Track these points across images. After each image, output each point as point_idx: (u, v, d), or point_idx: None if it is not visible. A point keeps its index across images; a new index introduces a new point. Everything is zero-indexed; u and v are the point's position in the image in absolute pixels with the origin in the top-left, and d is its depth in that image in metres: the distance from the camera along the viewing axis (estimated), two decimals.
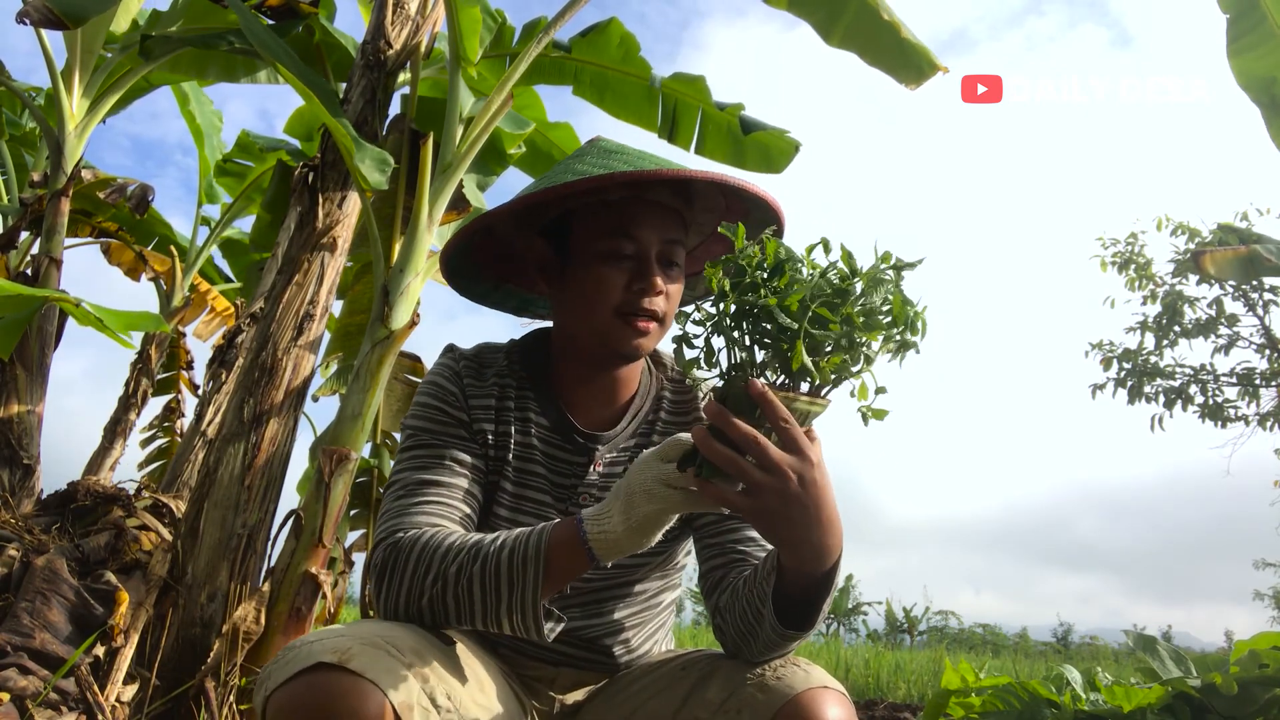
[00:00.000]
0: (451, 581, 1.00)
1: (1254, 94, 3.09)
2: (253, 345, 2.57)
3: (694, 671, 1.13)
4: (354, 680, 0.87)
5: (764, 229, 1.28)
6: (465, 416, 1.19)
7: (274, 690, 0.89)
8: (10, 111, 5.03)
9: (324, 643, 0.91)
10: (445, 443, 1.17)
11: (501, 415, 1.22)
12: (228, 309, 5.50)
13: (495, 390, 1.22)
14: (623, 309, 1.16)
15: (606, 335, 1.17)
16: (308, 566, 2.30)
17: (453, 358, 1.24)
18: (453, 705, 0.96)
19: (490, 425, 1.21)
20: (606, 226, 1.16)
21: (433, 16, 2.96)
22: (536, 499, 1.22)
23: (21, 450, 3.23)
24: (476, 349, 1.28)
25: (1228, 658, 2.44)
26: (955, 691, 2.62)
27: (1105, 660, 9.42)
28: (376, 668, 0.89)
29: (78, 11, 2.60)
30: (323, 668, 0.88)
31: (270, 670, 0.93)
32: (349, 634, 0.94)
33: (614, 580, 1.25)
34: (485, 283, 1.40)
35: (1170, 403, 10.64)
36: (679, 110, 3.24)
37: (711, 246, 1.38)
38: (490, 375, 1.23)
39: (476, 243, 1.31)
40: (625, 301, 1.16)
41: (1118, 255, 11.00)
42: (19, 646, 1.97)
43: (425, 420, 1.19)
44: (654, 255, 1.17)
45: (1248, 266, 4.10)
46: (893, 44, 2.78)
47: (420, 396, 1.22)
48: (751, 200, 1.22)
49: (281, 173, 3.67)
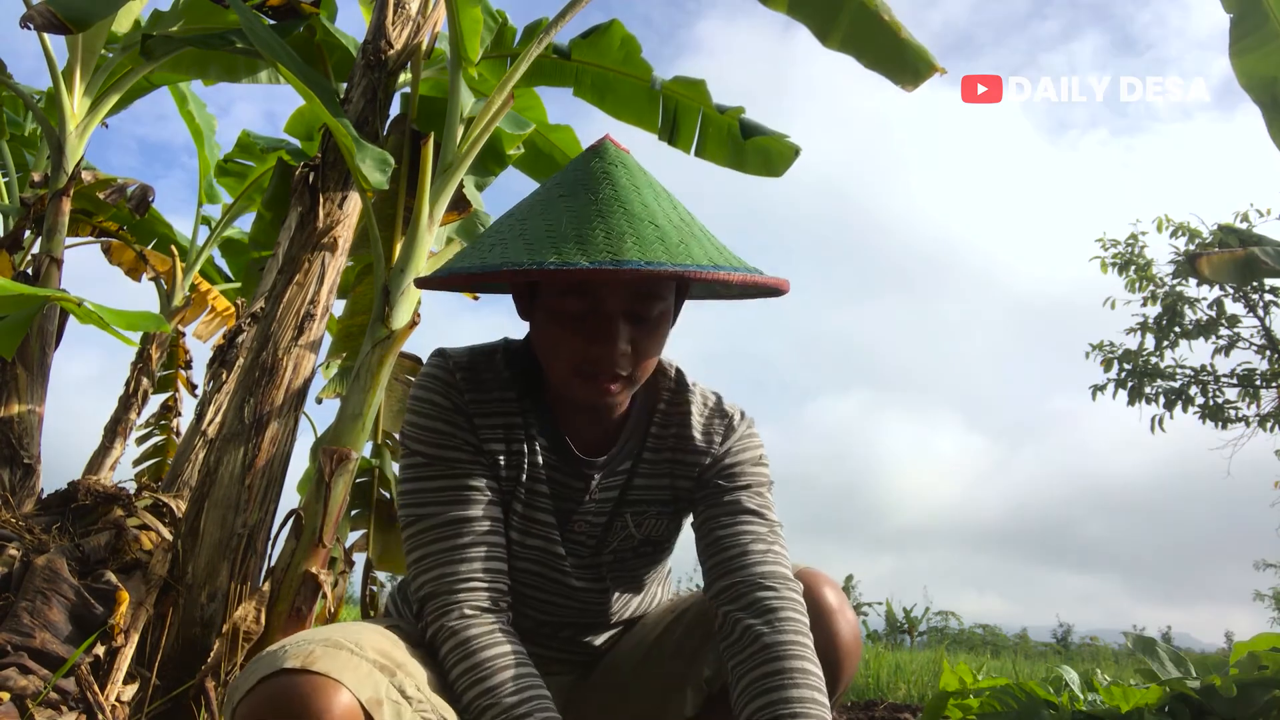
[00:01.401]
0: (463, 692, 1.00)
1: (1256, 94, 3.09)
2: (253, 345, 2.57)
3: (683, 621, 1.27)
4: (319, 680, 0.87)
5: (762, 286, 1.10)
6: (472, 438, 1.13)
7: (239, 701, 0.90)
8: (12, 112, 5.03)
9: (286, 649, 0.91)
10: (465, 471, 1.11)
11: (511, 434, 1.15)
12: (228, 309, 5.50)
13: (500, 407, 1.15)
14: (580, 370, 1.06)
15: (568, 390, 1.09)
16: (308, 566, 2.30)
17: (445, 369, 1.14)
18: (424, 695, 0.96)
19: (501, 445, 1.15)
20: (562, 283, 1.04)
21: (434, 17, 2.96)
22: (543, 520, 1.18)
23: (22, 450, 3.23)
24: (470, 357, 1.17)
25: (1227, 659, 2.45)
26: (953, 693, 2.63)
27: (1105, 661, 9.42)
28: (340, 666, 0.90)
29: (81, 16, 2.60)
30: (286, 673, 0.88)
31: (237, 682, 0.93)
32: (311, 638, 0.94)
33: (619, 603, 1.28)
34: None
35: (1170, 404, 10.64)
36: (680, 112, 3.24)
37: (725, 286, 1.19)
38: (494, 389, 1.15)
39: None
40: (584, 363, 1.05)
41: (1118, 256, 10.99)
42: (19, 646, 1.97)
43: (435, 447, 1.12)
44: (618, 315, 1.03)
45: (1245, 269, 4.10)
46: (891, 45, 2.78)
47: (420, 417, 1.13)
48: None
49: (282, 172, 3.67)
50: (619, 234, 0.96)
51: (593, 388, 1.06)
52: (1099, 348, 11.08)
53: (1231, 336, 10.49)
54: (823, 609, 1.15)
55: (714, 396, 1.25)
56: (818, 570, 1.20)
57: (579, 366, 1.06)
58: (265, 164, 4.80)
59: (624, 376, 1.07)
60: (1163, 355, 10.76)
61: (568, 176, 1.07)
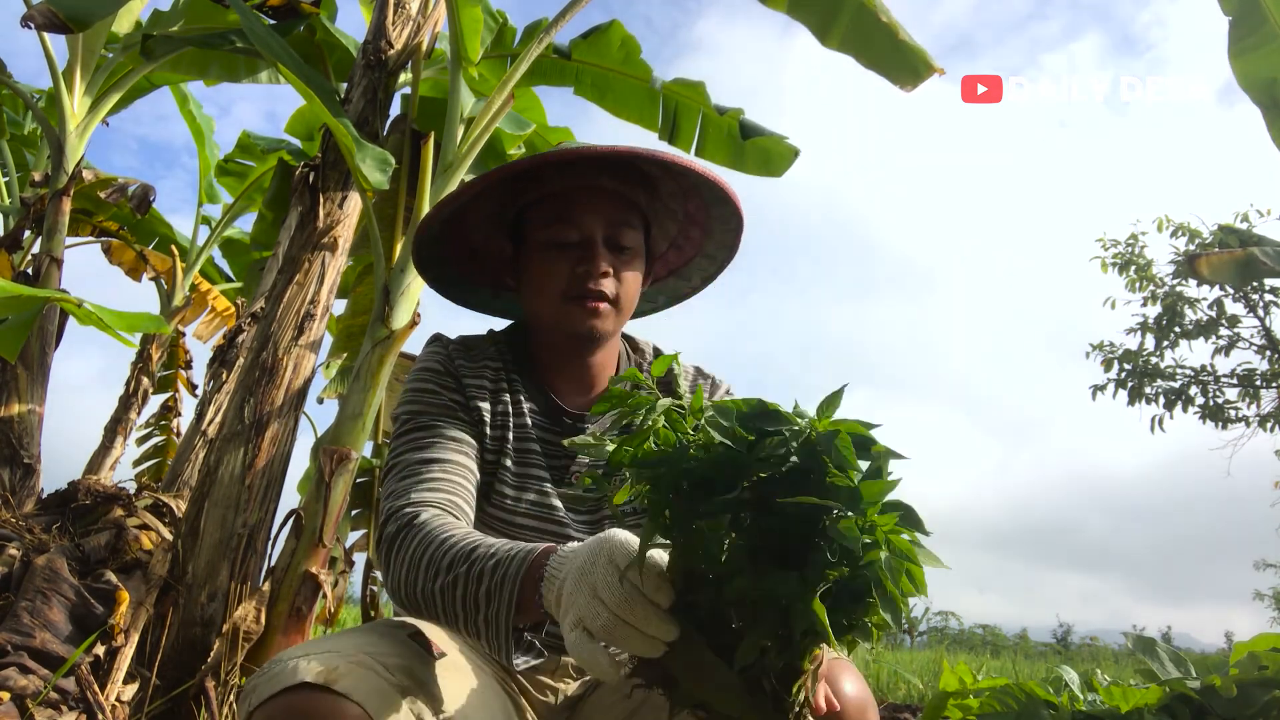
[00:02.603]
0: (443, 577, 0.96)
1: (1255, 95, 3.10)
2: (254, 345, 2.57)
3: None
4: (338, 702, 0.84)
5: (727, 219, 1.32)
6: (459, 397, 1.21)
7: (257, 707, 0.87)
8: (12, 111, 5.04)
9: (310, 660, 0.88)
10: (441, 423, 1.17)
11: (497, 395, 1.24)
12: (228, 309, 5.50)
13: (488, 371, 1.24)
14: (569, 292, 1.19)
15: (560, 320, 1.21)
16: (308, 566, 2.31)
17: (440, 345, 1.26)
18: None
19: (487, 404, 1.22)
20: (549, 214, 1.21)
21: (434, 16, 2.96)
22: (536, 475, 1.23)
23: (22, 450, 3.23)
24: (461, 337, 1.29)
25: (1227, 659, 2.45)
26: (953, 693, 2.62)
27: (1105, 661, 9.41)
28: (362, 689, 0.86)
29: (82, 15, 2.60)
30: (306, 688, 0.85)
31: (255, 683, 0.90)
32: (336, 650, 0.91)
33: None
34: (460, 280, 1.41)
35: (1170, 404, 10.64)
36: (679, 112, 3.25)
37: (689, 230, 1.39)
38: (481, 358, 1.25)
39: (449, 239, 1.33)
40: (570, 285, 1.19)
41: (1118, 256, 10.99)
42: (19, 646, 1.98)
43: (418, 404, 1.20)
44: (599, 239, 1.20)
45: (1244, 270, 4.09)
46: (889, 46, 2.79)
47: (411, 383, 1.23)
48: (705, 185, 1.25)
49: (283, 172, 3.68)
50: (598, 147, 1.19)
51: (582, 311, 1.19)
52: (1099, 348, 11.08)
53: (1231, 336, 10.49)
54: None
55: (691, 364, 1.38)
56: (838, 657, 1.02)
57: (567, 290, 1.19)
58: (266, 164, 4.80)
59: (609, 299, 1.20)
60: (1163, 355, 10.76)
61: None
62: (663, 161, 1.20)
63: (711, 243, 1.38)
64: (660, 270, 1.43)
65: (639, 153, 1.17)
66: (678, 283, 1.46)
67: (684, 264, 1.42)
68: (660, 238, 1.38)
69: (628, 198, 1.24)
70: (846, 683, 0.99)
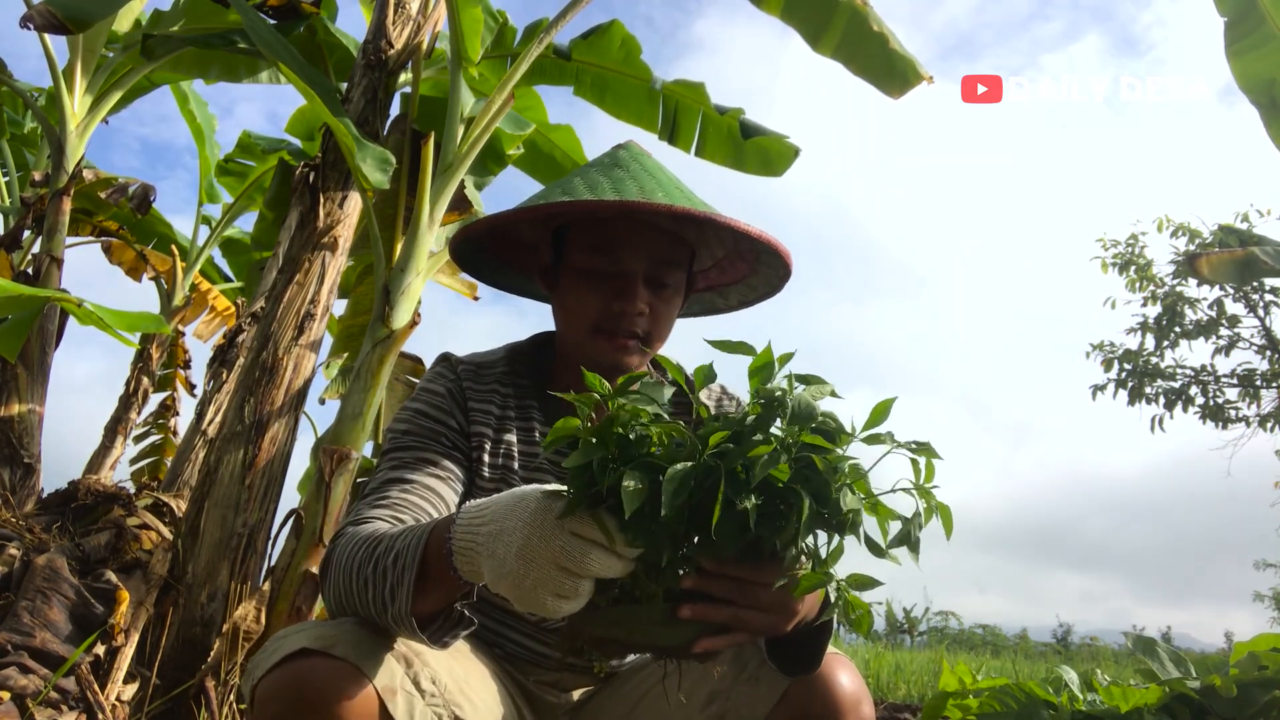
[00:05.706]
0: (358, 571, 0.94)
1: (1254, 95, 3.10)
2: (254, 345, 2.58)
3: None
4: (337, 664, 0.88)
5: (772, 268, 1.28)
6: (454, 422, 1.17)
7: (260, 678, 0.90)
8: (12, 111, 5.04)
9: (308, 631, 0.92)
10: (425, 445, 1.14)
11: (503, 423, 1.20)
12: (228, 308, 5.51)
13: (496, 397, 1.21)
14: (601, 326, 1.16)
15: (587, 350, 1.18)
16: (308, 566, 2.30)
17: (449, 365, 1.22)
18: (437, 690, 0.96)
19: (490, 431, 1.18)
20: (592, 243, 1.17)
21: (434, 16, 2.96)
22: None
23: (22, 449, 3.23)
24: (472, 356, 1.25)
25: (1227, 659, 2.45)
26: (953, 693, 2.63)
27: (1105, 661, 9.42)
28: (359, 652, 0.90)
29: (82, 16, 2.61)
30: (306, 654, 0.89)
31: (257, 660, 0.94)
32: (334, 623, 0.95)
33: None
34: (490, 260, 1.38)
35: (1171, 404, 10.63)
36: (679, 112, 3.25)
37: (735, 261, 1.34)
38: (490, 380, 1.21)
39: (494, 235, 1.30)
40: (603, 319, 1.15)
41: (1118, 256, 10.99)
42: (19, 645, 1.98)
43: (408, 424, 1.16)
44: (639, 276, 1.15)
45: (1244, 269, 4.09)
46: (879, 54, 2.80)
47: (410, 401, 1.19)
48: (758, 243, 1.20)
49: (283, 172, 3.68)
50: (650, 190, 1.13)
51: (611, 345, 1.16)
52: (1099, 348, 11.08)
53: (1231, 336, 10.49)
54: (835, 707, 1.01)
55: (718, 385, 1.32)
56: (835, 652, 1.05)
57: (599, 323, 1.16)
58: (266, 164, 4.80)
59: (639, 337, 1.16)
60: (1163, 355, 10.75)
61: (599, 160, 1.22)
62: (727, 226, 1.13)
63: (756, 279, 1.35)
64: (700, 284, 1.38)
65: (695, 215, 1.09)
66: (714, 298, 1.42)
67: (725, 284, 1.39)
68: (706, 258, 1.34)
69: (678, 235, 1.20)
70: (842, 676, 1.02)
